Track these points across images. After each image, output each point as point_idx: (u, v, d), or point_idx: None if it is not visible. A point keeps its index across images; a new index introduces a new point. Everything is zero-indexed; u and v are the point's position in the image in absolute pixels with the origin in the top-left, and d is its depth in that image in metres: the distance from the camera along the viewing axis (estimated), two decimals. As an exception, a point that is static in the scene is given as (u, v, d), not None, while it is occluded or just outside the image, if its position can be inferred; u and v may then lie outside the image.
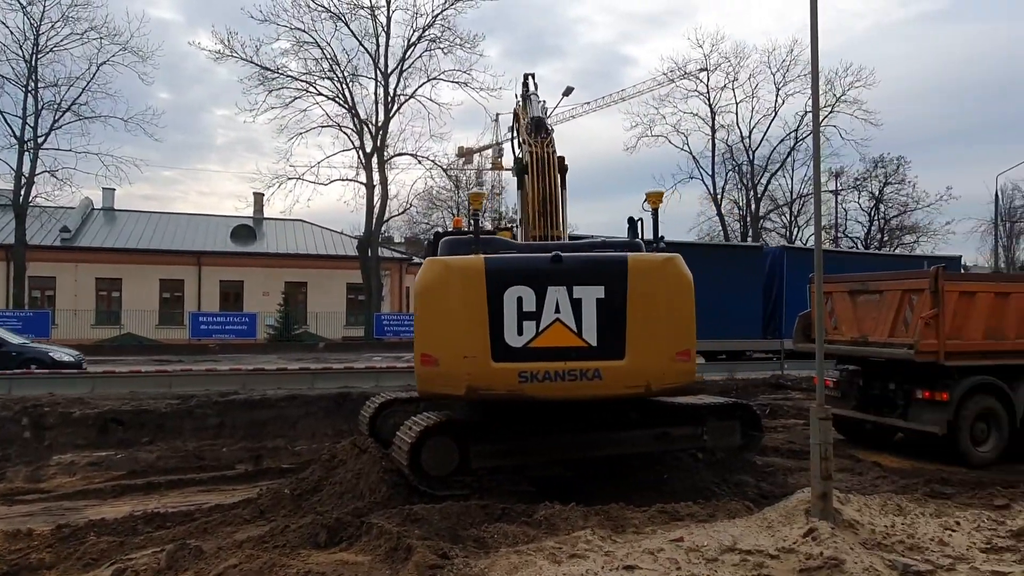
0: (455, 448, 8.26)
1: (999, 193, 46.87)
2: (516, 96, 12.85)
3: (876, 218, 50.44)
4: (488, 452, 8.40)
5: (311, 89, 35.22)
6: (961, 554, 5.46)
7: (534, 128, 10.58)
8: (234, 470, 10.64)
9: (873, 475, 9.98)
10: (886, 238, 50.40)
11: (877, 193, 49.69)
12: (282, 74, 34.94)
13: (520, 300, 7.39)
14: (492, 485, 8.33)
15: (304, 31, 34.35)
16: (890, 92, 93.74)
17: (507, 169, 69.42)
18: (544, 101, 12.98)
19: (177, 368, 19.38)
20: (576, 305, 7.34)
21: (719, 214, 47.52)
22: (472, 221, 9.24)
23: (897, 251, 46.84)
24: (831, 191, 48.65)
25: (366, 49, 35.73)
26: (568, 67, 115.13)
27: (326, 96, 35.45)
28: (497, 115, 67.15)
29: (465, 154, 56.18)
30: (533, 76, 12.99)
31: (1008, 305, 10.74)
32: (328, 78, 35.25)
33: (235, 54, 34.19)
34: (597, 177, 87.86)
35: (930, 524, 6.17)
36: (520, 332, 7.38)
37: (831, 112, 44.39)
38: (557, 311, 7.37)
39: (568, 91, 32.55)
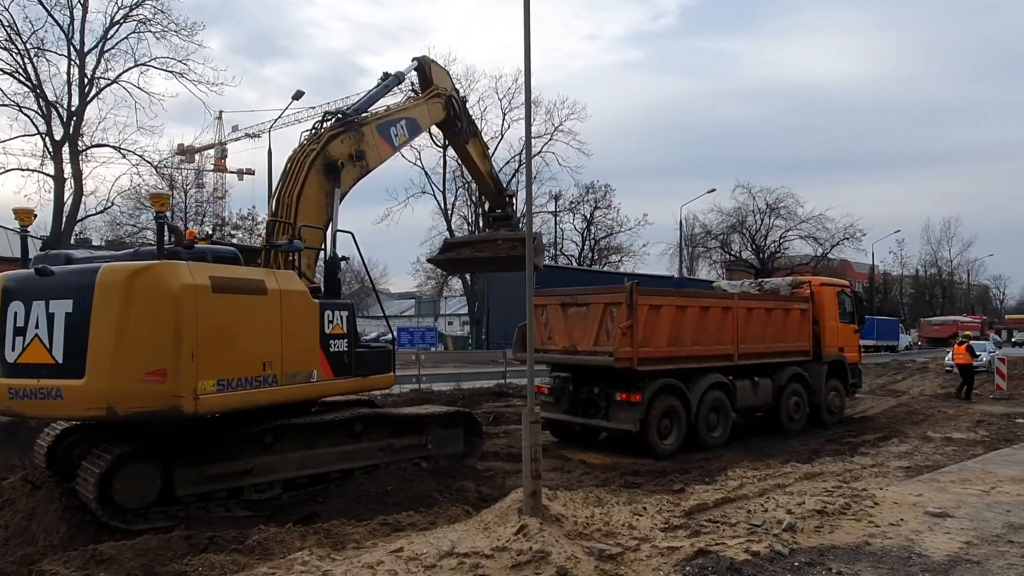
0: (156, 475, 7.43)
1: (683, 221, 54.87)
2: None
3: (588, 238, 55.99)
4: (196, 477, 7.68)
5: (-20, 60, 29.54)
6: (645, 535, 6.16)
7: (334, 123, 9.97)
8: None
9: (580, 472, 10.93)
10: (596, 257, 56.14)
11: (589, 216, 55.24)
12: (-62, 37, 28.80)
13: (16, 315, 7.28)
14: (201, 513, 7.64)
15: (-27, -11, 28.74)
16: (601, 126, 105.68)
17: (232, 172, 65.15)
18: (414, 93, 12.18)
19: None
20: (51, 320, 7.06)
21: (449, 229, 49.14)
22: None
23: (606, 268, 52.39)
24: (550, 212, 53.08)
25: (56, 21, 30.90)
26: (300, 70, 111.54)
27: (1, 70, 30.02)
28: (220, 112, 62.88)
29: (186, 152, 51.42)
30: (421, 57, 12.18)
31: (685, 317, 12.52)
32: (5, 49, 29.85)
33: None
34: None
35: (623, 511, 6.89)
36: (14, 348, 7.25)
37: (550, 140, 48.46)
38: (37, 326, 7.13)
39: (298, 95, 31.14)
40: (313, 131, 9.96)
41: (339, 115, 10.27)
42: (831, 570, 5.54)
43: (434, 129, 13.45)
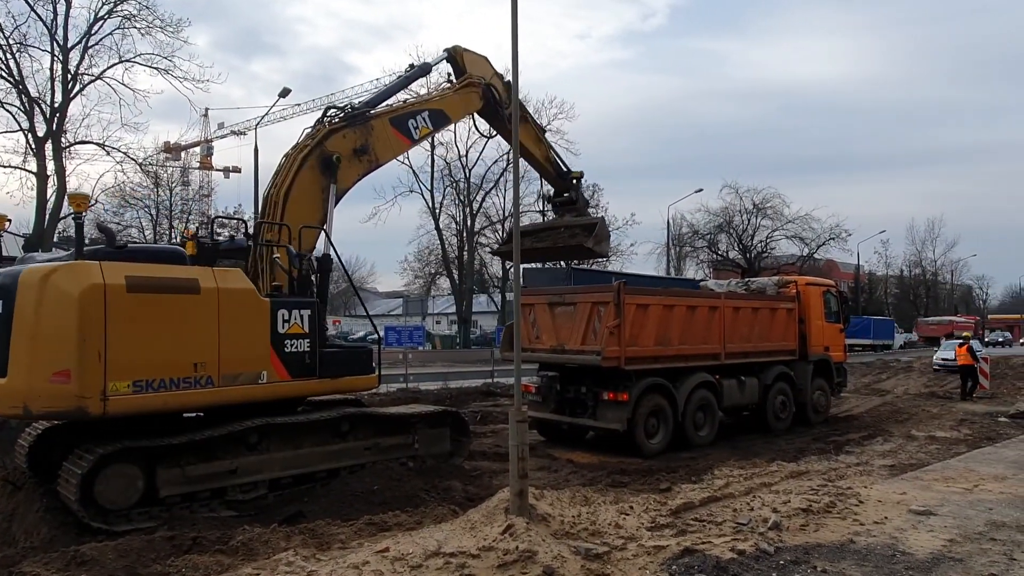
0: (140, 475, 7.38)
1: (670, 221, 54.96)
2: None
3: (575, 238, 56.02)
4: (180, 477, 7.62)
5: (-39, 55, 29.12)
6: (632, 534, 6.17)
7: (340, 118, 9.81)
8: None
9: (567, 471, 10.93)
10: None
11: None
12: (-84, 31, 28.37)
13: None
14: (185, 514, 7.58)
15: (-46, -16, 28.36)
16: (589, 125, 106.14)
17: (218, 169, 64.70)
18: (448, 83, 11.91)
19: None
20: None
21: (437, 228, 49.10)
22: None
23: (593, 268, 52.37)
24: (538, 211, 53.00)
25: (39, 16, 30.54)
26: (287, 67, 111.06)
27: (-17, 66, 29.60)
28: (206, 109, 62.40)
29: (172, 150, 51.06)
30: (452, 48, 11.84)
31: (672, 316, 12.54)
32: (-13, 44, 29.48)
33: None
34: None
35: (609, 511, 6.89)
36: None
37: (538, 140, 48.39)
38: None
39: (285, 92, 31.02)
40: (313, 127, 9.85)
41: (348, 108, 10.16)
42: (816, 568, 5.56)
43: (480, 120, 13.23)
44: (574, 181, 13.79)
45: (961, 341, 22.27)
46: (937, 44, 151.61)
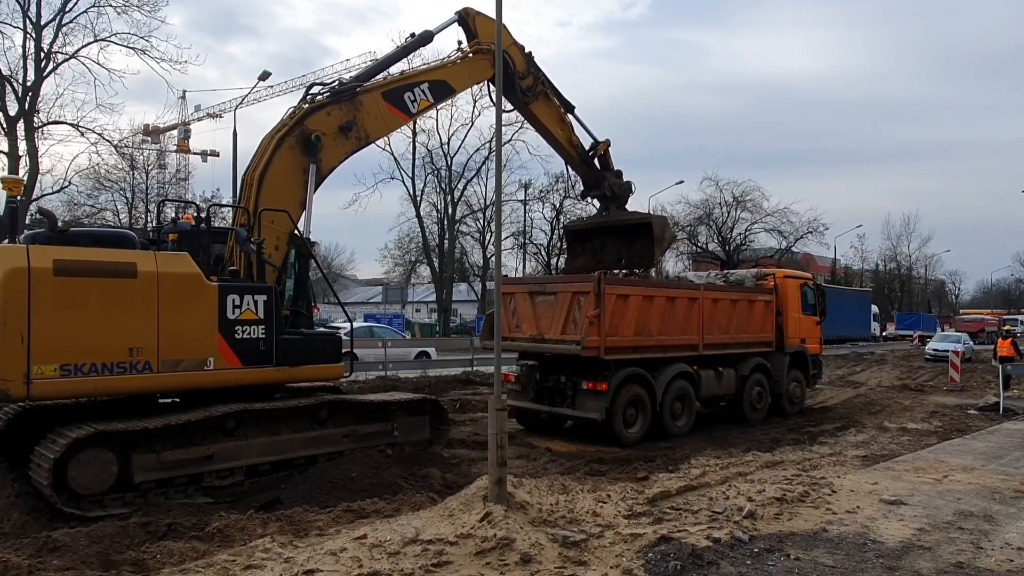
0: (114, 461, 7.29)
1: (651, 212, 54.90)
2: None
3: (557, 228, 56.05)
4: (155, 463, 7.54)
5: (-67, 31, 28.42)
6: (609, 522, 6.22)
7: (327, 94, 9.51)
8: None
9: (545, 460, 10.97)
10: (564, 246, 56.24)
11: (558, 205, 55.27)
12: None
13: None
14: (160, 500, 7.52)
15: (-76, -42, 27.58)
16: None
17: (196, 153, 63.78)
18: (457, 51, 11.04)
19: None
20: None
21: (418, 215, 48.91)
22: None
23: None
24: (520, 200, 52.97)
25: (12, -8, 29.88)
26: (264, 49, 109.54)
27: (-46, 42, 28.92)
28: (184, 91, 61.42)
29: (152, 133, 50.22)
30: (463, 9, 11.01)
31: (652, 307, 12.60)
32: (-43, 21, 28.76)
33: None
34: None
35: (587, 499, 6.94)
36: None
37: (520, 128, 48.13)
38: None
39: (265, 75, 30.63)
40: (296, 106, 9.56)
41: (336, 84, 9.80)
42: (789, 556, 5.64)
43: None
44: (602, 155, 13.09)
45: (1005, 334, 22.71)
46: (916, 41, 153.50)
